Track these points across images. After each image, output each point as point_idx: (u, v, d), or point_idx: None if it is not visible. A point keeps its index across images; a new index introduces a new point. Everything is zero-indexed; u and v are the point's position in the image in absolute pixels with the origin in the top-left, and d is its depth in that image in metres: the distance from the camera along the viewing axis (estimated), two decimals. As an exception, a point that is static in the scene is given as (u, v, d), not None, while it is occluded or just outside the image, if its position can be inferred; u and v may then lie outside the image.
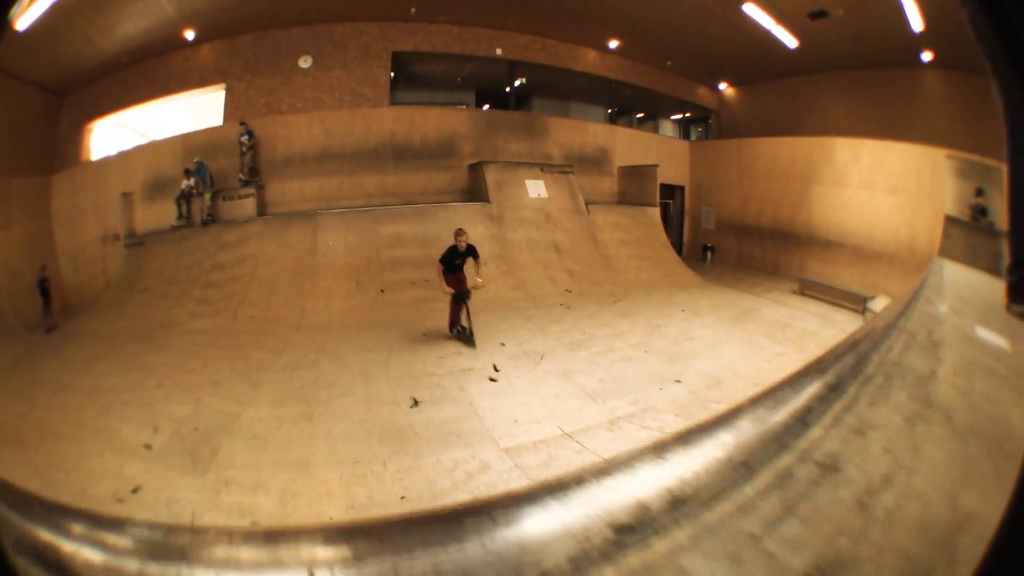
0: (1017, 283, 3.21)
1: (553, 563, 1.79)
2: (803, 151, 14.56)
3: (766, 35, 14.31)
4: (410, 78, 16.50)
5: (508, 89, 16.97)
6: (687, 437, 2.40)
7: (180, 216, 13.32)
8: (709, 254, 16.38)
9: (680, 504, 2.03)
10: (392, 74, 15.80)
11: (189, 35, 14.68)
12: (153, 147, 14.70)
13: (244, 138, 14.05)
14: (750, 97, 17.50)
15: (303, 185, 14.24)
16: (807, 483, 2.34)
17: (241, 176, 13.85)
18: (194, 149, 14.04)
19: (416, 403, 7.01)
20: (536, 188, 14.09)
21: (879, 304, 10.98)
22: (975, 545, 1.47)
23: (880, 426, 2.76)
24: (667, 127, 19.11)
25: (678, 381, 7.74)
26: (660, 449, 2.27)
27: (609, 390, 7.53)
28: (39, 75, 13.71)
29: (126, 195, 13.80)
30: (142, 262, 12.79)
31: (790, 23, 13.92)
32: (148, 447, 6.22)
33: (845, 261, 13.27)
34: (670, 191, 16.72)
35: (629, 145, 17.01)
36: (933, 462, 2.58)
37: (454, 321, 9.73)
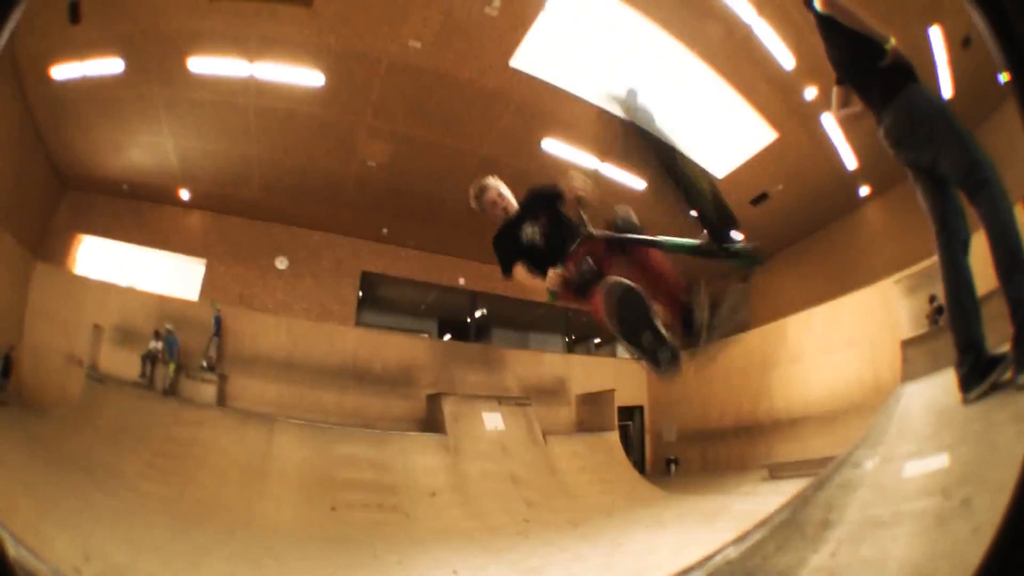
0: (966, 374, 3.38)
1: None
2: (756, 344, 14.85)
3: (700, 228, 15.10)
4: (376, 300, 17.17)
5: (468, 320, 17.74)
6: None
7: (143, 375, 13.10)
8: (673, 466, 16.44)
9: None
10: (360, 293, 16.41)
11: (184, 195, 15.28)
12: (131, 294, 14.66)
13: (213, 323, 14.15)
14: None
15: (264, 387, 14.14)
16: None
17: (203, 363, 13.78)
18: (168, 315, 14.03)
19: None
20: (493, 420, 14.09)
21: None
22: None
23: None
24: (622, 349, 19.56)
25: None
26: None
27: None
28: (53, 146, 13.86)
29: (97, 327, 13.56)
30: (100, 400, 12.25)
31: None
32: (77, 572, 5.72)
33: (812, 432, 13.23)
34: (629, 413, 17.02)
35: (585, 372, 17.42)
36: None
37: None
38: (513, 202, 4.60)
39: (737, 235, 3.85)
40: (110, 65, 11.81)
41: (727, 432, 15.52)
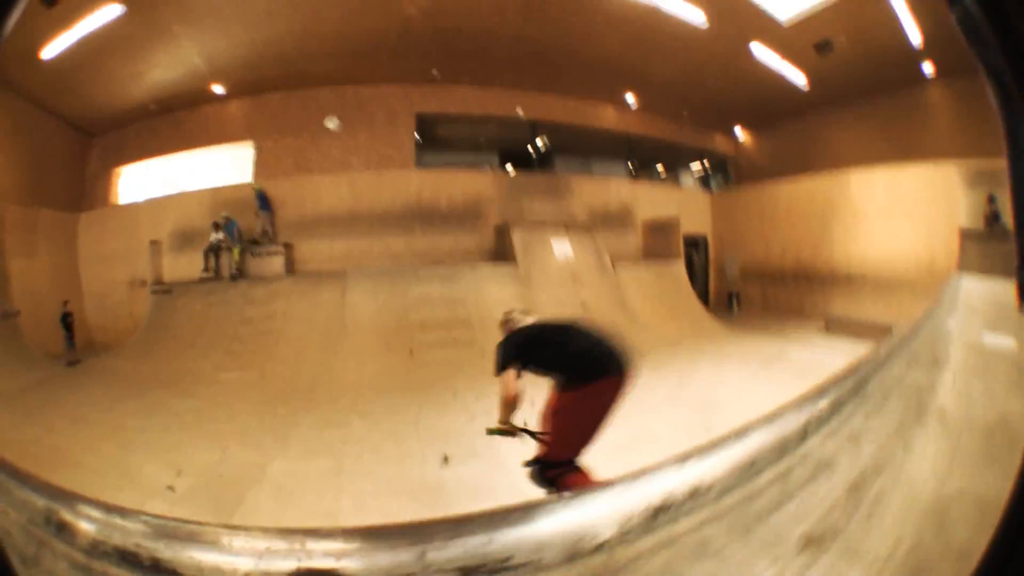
0: None
1: (606, 536, 2.26)
2: (820, 189, 14.56)
3: (777, 76, 14.55)
4: (435, 140, 16.78)
5: (531, 149, 17.28)
6: (704, 448, 2.86)
7: (207, 269, 13.56)
8: (735, 302, 16.36)
9: (699, 494, 2.52)
10: (417, 136, 16.09)
11: (218, 89, 15.16)
12: (182, 198, 15.03)
13: (257, 200, 14.39)
14: (766, 140, 17.71)
15: (332, 245, 14.40)
16: (804, 478, 2.84)
17: (255, 238, 14.13)
18: (223, 204, 14.32)
19: (447, 460, 6.91)
20: (562, 248, 14.14)
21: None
22: (975, 542, 1.50)
23: (873, 432, 3.15)
24: (688, 178, 19.29)
25: (707, 430, 7.55)
26: (683, 457, 2.75)
27: (639, 444, 7.38)
28: (67, 111, 14.22)
29: (154, 243, 14.13)
30: (169, 311, 12.92)
31: (798, 59, 14.11)
32: (171, 489, 6.16)
33: (868, 293, 13.11)
34: (693, 242, 16.75)
35: (651, 200, 17.11)
36: (922, 454, 2.95)
37: None
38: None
39: None
40: (106, 14, 11.78)
41: (787, 275, 15.22)
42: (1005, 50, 1.57)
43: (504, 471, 6.51)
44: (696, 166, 19.16)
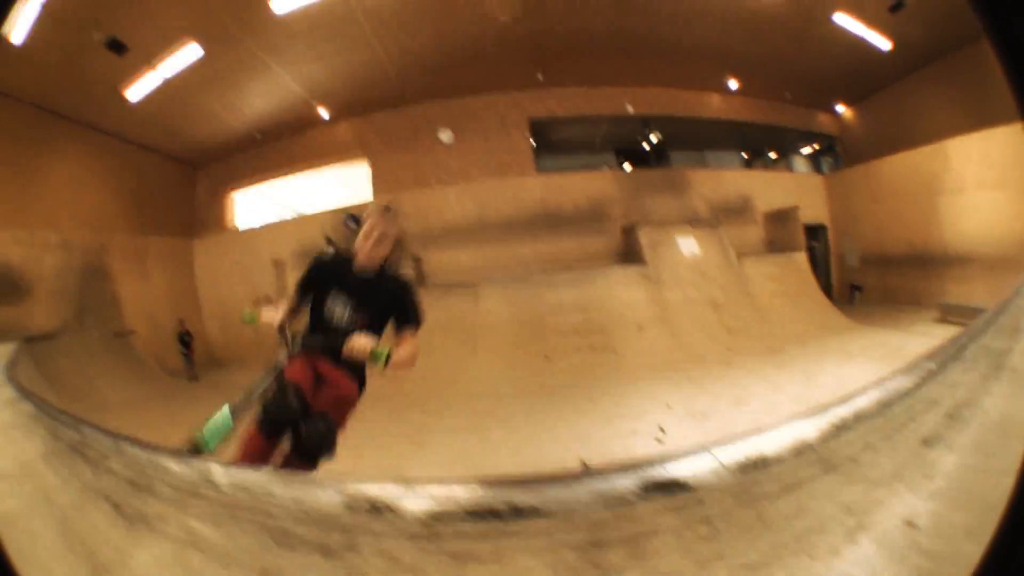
0: None
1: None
2: (921, 163, 13.91)
3: (861, 43, 14.07)
4: (550, 144, 16.91)
5: (645, 144, 17.27)
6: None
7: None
8: (856, 294, 15.90)
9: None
10: (532, 141, 16.24)
11: (324, 113, 15.62)
12: (301, 219, 15.70)
13: (352, 224, 14.78)
14: (865, 114, 17.03)
15: (460, 255, 14.66)
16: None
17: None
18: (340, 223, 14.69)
19: (586, 466, 7.09)
20: (688, 245, 14.06)
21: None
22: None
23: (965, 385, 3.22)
24: (800, 163, 18.88)
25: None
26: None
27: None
28: (166, 146, 14.91)
29: (277, 263, 14.71)
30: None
31: (878, 23, 13.57)
32: None
33: (978, 276, 12.38)
34: (812, 232, 16.35)
35: (766, 187, 16.84)
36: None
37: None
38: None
39: None
40: (188, 54, 12.22)
41: (902, 261, 14.65)
42: (1009, 57, 1.53)
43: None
44: (807, 149, 18.71)
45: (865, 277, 15.88)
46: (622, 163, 17.96)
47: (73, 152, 13.26)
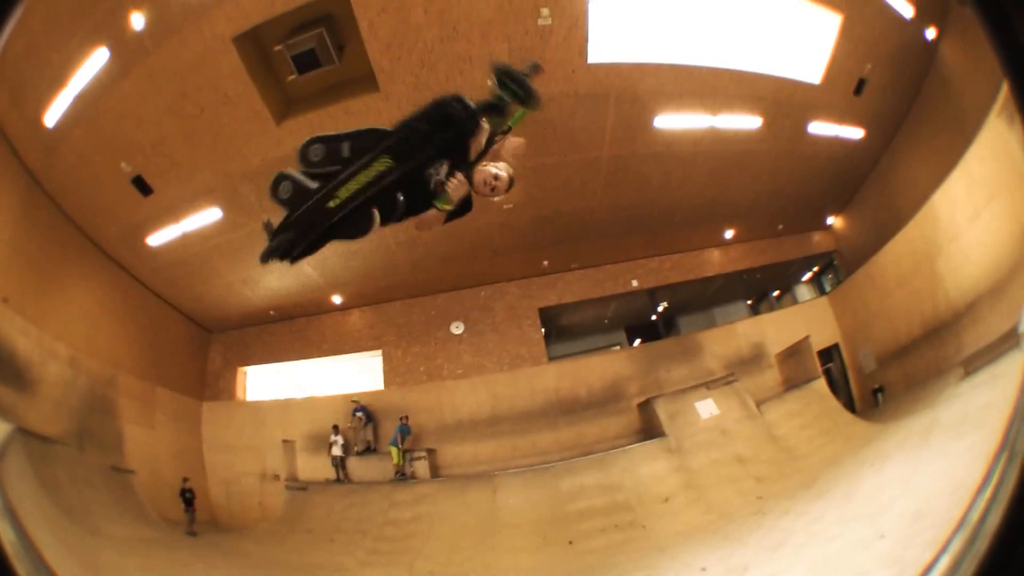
0: None
1: None
2: (915, 235, 13.67)
3: (837, 141, 14.37)
4: (560, 330, 17.27)
5: (654, 317, 17.47)
6: None
7: (338, 479, 14.22)
8: (879, 395, 15.24)
9: None
10: (543, 330, 16.44)
11: (336, 299, 16.05)
12: (313, 401, 15.79)
13: (359, 414, 14.82)
14: (856, 213, 17.07)
15: (477, 448, 14.55)
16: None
17: (357, 448, 14.58)
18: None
19: None
20: (707, 408, 14.00)
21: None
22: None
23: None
24: (803, 291, 18.90)
25: (882, 536, 7.08)
26: None
27: (819, 574, 6.98)
28: (182, 303, 15.09)
29: (287, 442, 14.65)
30: (306, 506, 13.33)
31: (847, 114, 13.89)
32: None
33: (987, 309, 11.76)
34: (827, 354, 16.12)
35: (776, 328, 16.68)
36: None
37: None
38: None
39: None
40: (207, 216, 12.70)
41: (919, 341, 14.06)
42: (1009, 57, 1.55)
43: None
44: (807, 275, 18.78)
45: (885, 376, 15.32)
46: (633, 339, 18.10)
47: (93, 278, 13.24)
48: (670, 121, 13.18)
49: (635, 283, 16.81)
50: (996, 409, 3.36)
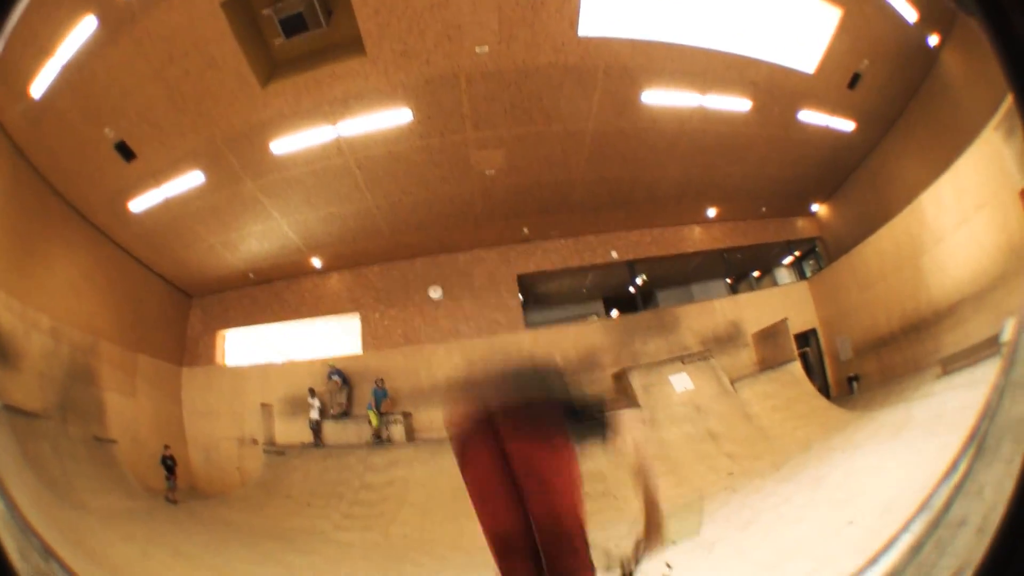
0: None
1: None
2: (900, 231, 13.84)
3: (827, 132, 14.40)
4: (538, 298, 17.15)
5: (632, 289, 17.45)
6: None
7: (316, 443, 14.23)
8: (855, 384, 15.43)
9: None
10: (521, 297, 16.42)
11: (316, 263, 16.00)
12: (292, 365, 15.72)
13: (335, 377, 14.90)
14: (841, 204, 17.16)
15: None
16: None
17: (332, 411, 14.65)
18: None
19: None
20: (681, 382, 14.15)
21: (1008, 329, 9.71)
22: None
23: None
24: (784, 274, 19.02)
25: (850, 523, 7.22)
26: None
27: (785, 557, 7.09)
28: (162, 268, 15.05)
29: (265, 406, 14.69)
30: (283, 470, 13.36)
31: (840, 106, 13.92)
32: None
33: (969, 313, 11.91)
34: (804, 338, 16.26)
35: (755, 308, 16.77)
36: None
37: None
38: None
39: None
40: (190, 180, 12.64)
41: (897, 335, 14.24)
42: (1009, 57, 1.54)
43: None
44: (788, 259, 18.87)
45: (861, 365, 15.49)
46: (610, 310, 18.13)
47: (75, 247, 13.13)
48: (658, 98, 13.07)
49: (615, 254, 16.77)
50: (972, 413, 3.39)
